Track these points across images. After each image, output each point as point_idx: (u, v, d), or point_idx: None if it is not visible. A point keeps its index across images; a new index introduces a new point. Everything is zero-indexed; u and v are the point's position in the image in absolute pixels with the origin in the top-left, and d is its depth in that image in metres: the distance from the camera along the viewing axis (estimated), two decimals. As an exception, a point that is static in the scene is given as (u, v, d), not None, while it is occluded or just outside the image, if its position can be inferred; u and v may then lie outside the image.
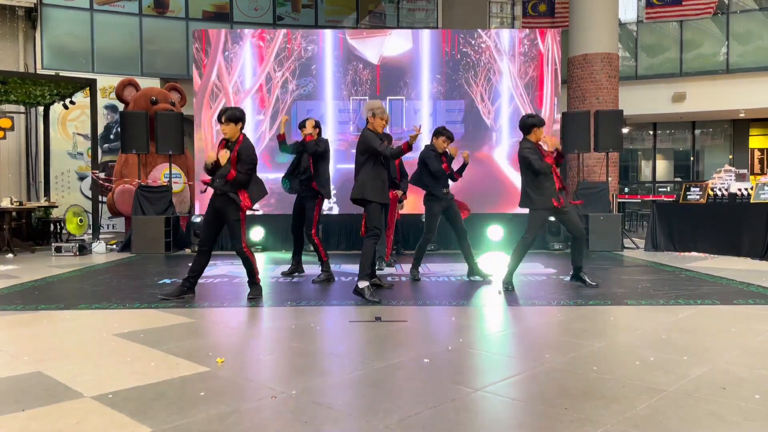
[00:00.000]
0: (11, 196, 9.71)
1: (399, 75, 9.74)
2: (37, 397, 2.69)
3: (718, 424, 2.34)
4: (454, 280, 6.17)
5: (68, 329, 4.11)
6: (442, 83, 9.77)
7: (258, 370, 3.13)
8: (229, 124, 4.83)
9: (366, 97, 9.68)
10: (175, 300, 4.99)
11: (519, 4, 16.52)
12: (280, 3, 15.34)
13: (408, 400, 2.64)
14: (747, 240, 7.70)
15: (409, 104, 9.76)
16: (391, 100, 9.73)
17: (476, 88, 9.76)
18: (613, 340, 3.69)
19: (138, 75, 13.38)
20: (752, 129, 16.86)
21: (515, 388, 2.77)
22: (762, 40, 14.91)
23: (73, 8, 13.75)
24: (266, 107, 9.74)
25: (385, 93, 9.72)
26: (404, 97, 9.75)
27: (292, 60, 9.77)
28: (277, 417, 2.45)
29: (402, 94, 9.76)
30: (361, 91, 9.77)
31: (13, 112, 11.65)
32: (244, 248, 4.93)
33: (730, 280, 5.92)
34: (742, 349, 3.43)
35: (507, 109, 9.79)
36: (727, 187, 8.29)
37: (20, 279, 6.43)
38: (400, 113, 9.72)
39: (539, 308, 4.68)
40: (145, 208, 9.37)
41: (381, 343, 3.70)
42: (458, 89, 9.75)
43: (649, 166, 17.79)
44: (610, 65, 11.78)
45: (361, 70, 9.78)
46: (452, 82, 9.76)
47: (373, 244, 5.14)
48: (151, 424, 2.37)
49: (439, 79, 9.76)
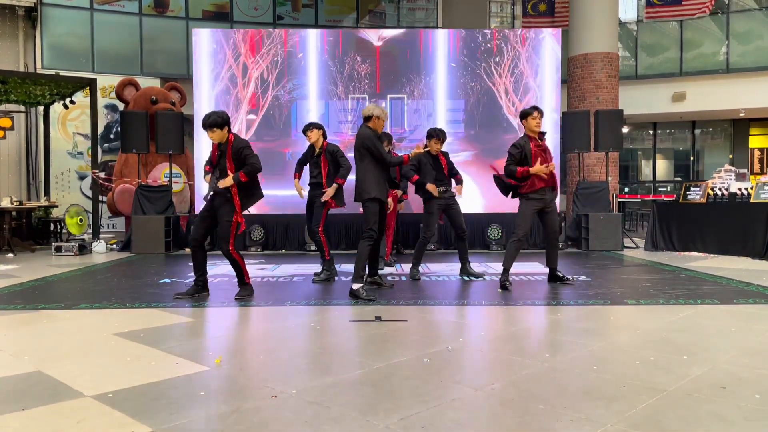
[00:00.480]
0: (11, 196, 9.71)
1: (399, 71, 9.74)
2: (37, 397, 2.69)
3: (718, 424, 2.34)
4: (454, 279, 6.17)
5: (68, 329, 4.11)
6: (444, 80, 9.77)
7: (258, 370, 3.13)
8: (214, 130, 4.80)
9: (365, 95, 9.67)
10: (189, 299, 5.06)
11: (519, 4, 16.52)
12: (280, 2, 15.34)
13: (408, 399, 2.64)
14: (747, 240, 7.70)
15: (411, 103, 9.76)
16: (392, 98, 9.73)
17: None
18: (613, 340, 3.70)
19: (138, 75, 13.38)
20: (752, 129, 16.86)
21: (515, 388, 2.77)
22: (762, 40, 14.91)
23: (73, 8, 13.75)
24: (259, 107, 9.73)
25: (384, 91, 9.72)
26: (405, 95, 9.75)
27: (289, 59, 9.77)
28: (277, 417, 2.46)
29: (404, 91, 9.76)
30: (360, 89, 9.76)
31: (14, 112, 11.65)
32: (231, 250, 4.94)
33: (730, 279, 5.92)
34: (742, 349, 3.43)
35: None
36: (727, 187, 8.29)
37: (20, 278, 6.43)
38: (401, 113, 9.72)
39: (539, 308, 4.68)
40: (145, 207, 9.37)
41: (381, 343, 3.70)
42: (462, 87, 9.74)
43: (649, 165, 17.79)
44: (610, 65, 11.78)
45: (359, 64, 9.75)
46: (456, 81, 9.76)
47: (368, 246, 5.15)
48: (151, 423, 2.37)
49: (444, 74, 9.76)
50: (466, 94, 9.76)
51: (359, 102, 9.67)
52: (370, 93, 9.72)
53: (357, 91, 9.76)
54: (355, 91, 9.74)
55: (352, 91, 9.76)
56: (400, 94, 9.76)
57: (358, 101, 9.69)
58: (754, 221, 7.64)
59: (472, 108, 9.77)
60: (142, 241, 9.03)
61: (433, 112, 9.77)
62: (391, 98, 9.74)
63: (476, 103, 9.76)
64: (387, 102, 9.68)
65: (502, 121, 9.77)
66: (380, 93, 9.72)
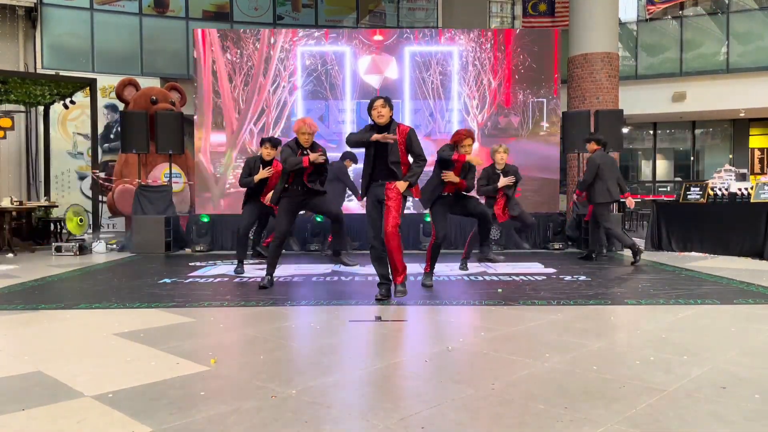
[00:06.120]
0: (11, 196, 9.71)
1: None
2: (37, 397, 2.69)
3: (718, 424, 2.34)
4: (454, 279, 6.17)
5: (68, 329, 4.11)
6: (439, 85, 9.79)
7: (258, 370, 3.13)
8: (275, 148, 6.32)
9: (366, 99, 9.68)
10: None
11: (519, 4, 16.52)
12: (280, 2, 15.34)
13: (408, 400, 2.64)
14: (747, 240, 7.70)
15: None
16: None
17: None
18: (613, 340, 3.70)
19: (138, 75, 13.38)
20: (752, 129, 16.86)
21: (515, 388, 2.77)
22: (762, 40, 14.90)
23: (73, 8, 13.76)
24: (269, 107, 9.74)
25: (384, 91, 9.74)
26: (400, 101, 9.77)
27: (292, 60, 9.77)
28: (277, 417, 2.45)
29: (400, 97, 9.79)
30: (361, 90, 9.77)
31: (14, 112, 11.65)
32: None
33: (730, 279, 5.92)
34: (742, 349, 3.43)
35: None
36: (727, 187, 8.29)
37: (20, 278, 6.43)
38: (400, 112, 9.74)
39: (539, 308, 4.68)
40: (145, 207, 9.37)
41: (381, 343, 3.70)
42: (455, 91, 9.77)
43: (649, 165, 17.79)
44: (610, 65, 11.77)
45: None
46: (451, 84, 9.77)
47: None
48: (151, 423, 2.37)
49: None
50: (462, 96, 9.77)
51: (359, 103, 9.66)
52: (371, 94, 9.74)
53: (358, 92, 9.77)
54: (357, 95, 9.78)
55: (353, 92, 9.77)
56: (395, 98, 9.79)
57: (358, 102, 9.69)
58: (754, 221, 7.64)
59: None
60: (142, 241, 9.03)
61: (433, 112, 9.77)
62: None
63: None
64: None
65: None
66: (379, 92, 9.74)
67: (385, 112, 4.87)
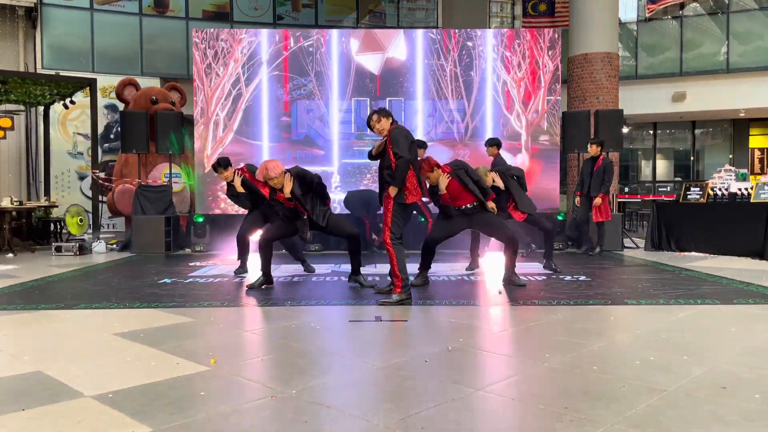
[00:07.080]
0: (11, 196, 9.71)
1: (398, 76, 9.74)
2: (37, 397, 2.69)
3: (718, 424, 2.34)
4: (454, 279, 6.16)
5: (68, 329, 4.11)
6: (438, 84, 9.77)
7: (258, 370, 3.13)
8: (227, 169, 6.33)
9: (367, 98, 9.67)
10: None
11: (519, 4, 16.51)
12: (280, 2, 15.34)
13: (408, 400, 2.63)
14: (747, 240, 7.69)
15: (407, 104, 9.76)
16: (391, 100, 9.72)
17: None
18: (613, 340, 3.70)
19: (138, 75, 13.37)
20: (752, 129, 16.86)
21: (515, 388, 2.77)
22: (762, 40, 14.90)
23: (73, 8, 13.75)
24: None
25: (384, 93, 9.72)
26: (402, 98, 9.75)
27: (289, 59, 9.76)
28: (277, 417, 2.45)
29: (400, 94, 9.75)
30: (362, 90, 9.76)
31: (14, 112, 11.65)
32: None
33: (730, 279, 5.92)
34: (742, 349, 3.43)
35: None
36: (727, 187, 8.29)
37: (20, 279, 6.43)
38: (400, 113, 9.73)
39: (539, 308, 4.68)
40: (145, 207, 9.36)
41: (381, 343, 3.70)
42: (457, 90, 9.74)
43: (649, 165, 17.79)
44: (610, 65, 11.78)
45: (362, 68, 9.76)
46: (452, 83, 9.76)
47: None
48: (151, 423, 2.37)
49: (437, 79, 9.76)
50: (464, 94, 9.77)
51: (359, 103, 9.66)
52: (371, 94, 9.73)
53: (359, 92, 9.76)
54: (358, 93, 9.75)
55: (354, 93, 9.76)
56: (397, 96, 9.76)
57: (359, 102, 9.69)
58: (754, 221, 7.64)
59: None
60: (142, 241, 9.03)
61: (433, 112, 9.77)
62: (390, 99, 9.73)
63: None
64: (386, 102, 9.67)
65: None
66: (380, 94, 9.72)
67: (381, 124, 4.80)
